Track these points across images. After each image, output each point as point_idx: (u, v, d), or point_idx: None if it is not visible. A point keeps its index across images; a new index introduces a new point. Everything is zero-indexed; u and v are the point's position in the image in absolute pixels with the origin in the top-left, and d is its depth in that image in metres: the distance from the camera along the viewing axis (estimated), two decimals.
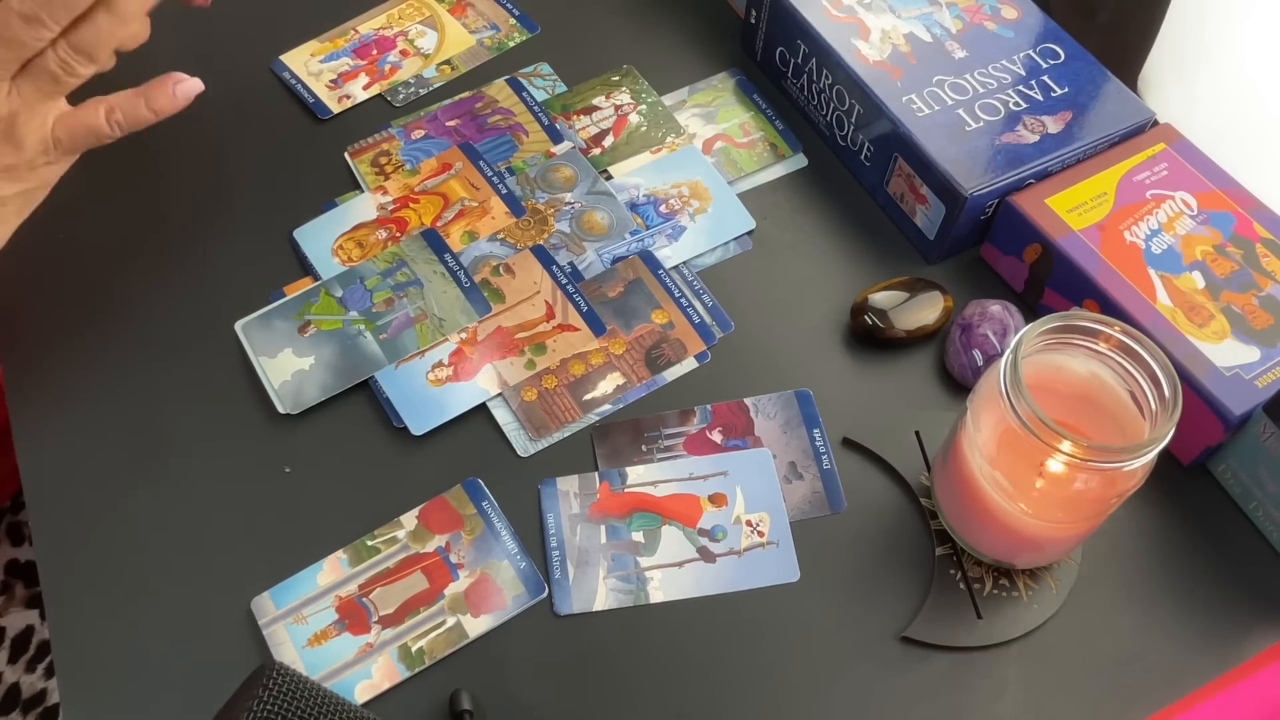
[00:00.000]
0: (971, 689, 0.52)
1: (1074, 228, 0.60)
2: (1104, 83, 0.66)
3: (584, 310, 0.63)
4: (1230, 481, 0.57)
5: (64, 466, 0.58)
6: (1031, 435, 0.45)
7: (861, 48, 0.66)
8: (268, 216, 0.67)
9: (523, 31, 0.76)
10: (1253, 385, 0.54)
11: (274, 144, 0.70)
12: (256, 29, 0.76)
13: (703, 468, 0.58)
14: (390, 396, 0.60)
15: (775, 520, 0.56)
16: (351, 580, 0.54)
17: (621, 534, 0.56)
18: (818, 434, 0.59)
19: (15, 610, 0.91)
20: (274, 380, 0.60)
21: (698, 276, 0.65)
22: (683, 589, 0.54)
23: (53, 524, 0.56)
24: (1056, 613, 0.53)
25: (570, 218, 0.67)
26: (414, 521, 0.56)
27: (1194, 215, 0.61)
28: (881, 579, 0.55)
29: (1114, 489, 0.47)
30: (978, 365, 0.59)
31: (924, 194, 0.63)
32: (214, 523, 0.56)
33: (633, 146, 0.70)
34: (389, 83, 0.73)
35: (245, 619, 0.53)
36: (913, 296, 0.62)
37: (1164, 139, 0.64)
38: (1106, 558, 0.55)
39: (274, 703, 0.42)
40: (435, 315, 0.62)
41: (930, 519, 0.56)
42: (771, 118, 0.72)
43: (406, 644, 0.53)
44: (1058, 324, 0.47)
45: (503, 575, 0.54)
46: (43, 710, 0.88)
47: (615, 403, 0.60)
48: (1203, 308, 0.57)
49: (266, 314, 0.63)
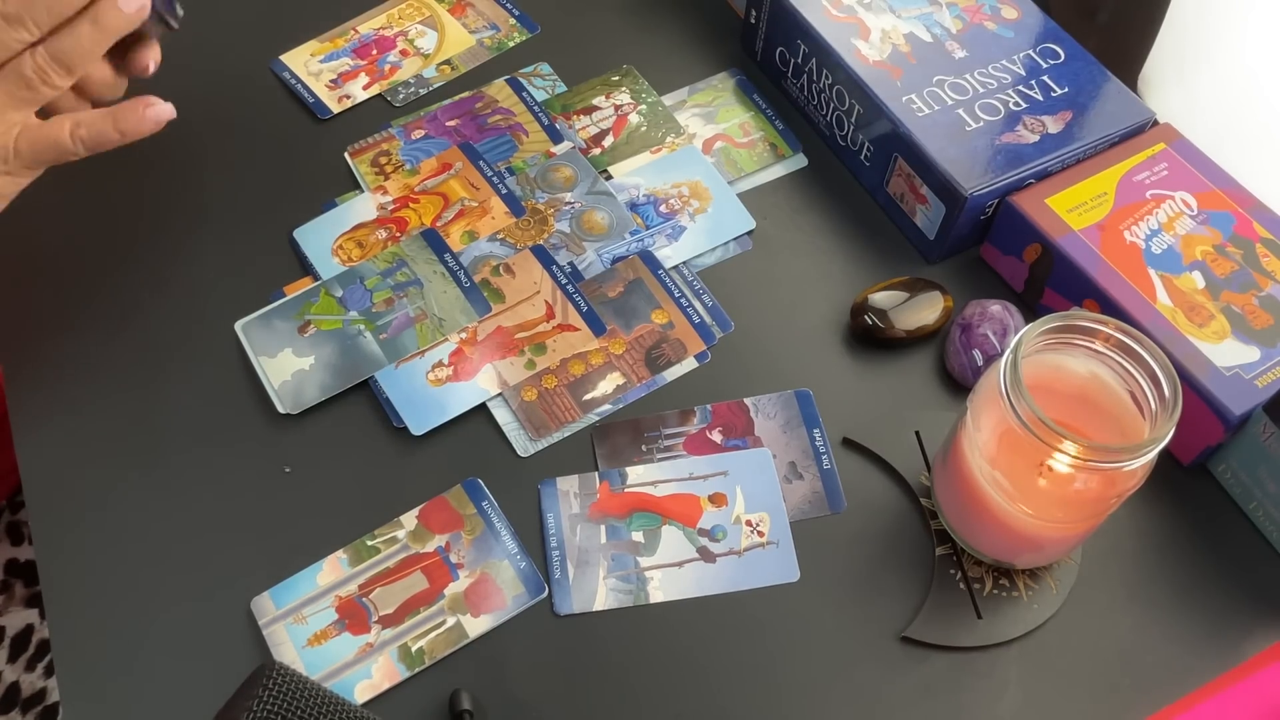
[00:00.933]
0: (971, 689, 0.52)
1: (1074, 228, 0.60)
2: (1104, 83, 0.66)
3: (584, 310, 0.63)
4: (1230, 481, 0.57)
5: (64, 466, 0.58)
6: (1031, 435, 0.45)
7: (861, 48, 0.66)
8: (268, 216, 0.67)
9: (523, 31, 0.76)
10: (1253, 385, 0.54)
11: (274, 144, 0.70)
12: (256, 29, 0.76)
13: (703, 468, 0.58)
14: (390, 396, 0.59)
15: (775, 520, 0.56)
16: (351, 580, 0.54)
17: (621, 534, 0.56)
18: (818, 434, 0.59)
19: (15, 609, 0.91)
20: (274, 380, 0.60)
21: (698, 276, 0.65)
22: (683, 589, 0.54)
23: (53, 524, 0.56)
24: (1056, 613, 0.53)
25: (570, 218, 0.67)
26: (414, 521, 0.56)
27: (1194, 215, 0.61)
28: (881, 579, 0.55)
29: (1114, 489, 0.47)
30: (978, 365, 0.59)
31: (924, 194, 0.63)
32: (214, 523, 0.56)
33: (633, 146, 0.70)
34: (389, 83, 0.73)
35: (245, 619, 0.53)
36: (913, 296, 0.62)
37: (1164, 139, 0.64)
38: (1106, 558, 0.55)
39: (274, 703, 0.42)
40: (435, 315, 0.62)
41: (930, 519, 0.56)
42: (771, 118, 0.72)
43: (406, 644, 0.53)
44: (1057, 324, 0.47)
45: (503, 575, 0.54)
46: (42, 709, 0.89)
47: (615, 403, 0.60)
48: (1203, 308, 0.57)
49: (266, 314, 0.63)
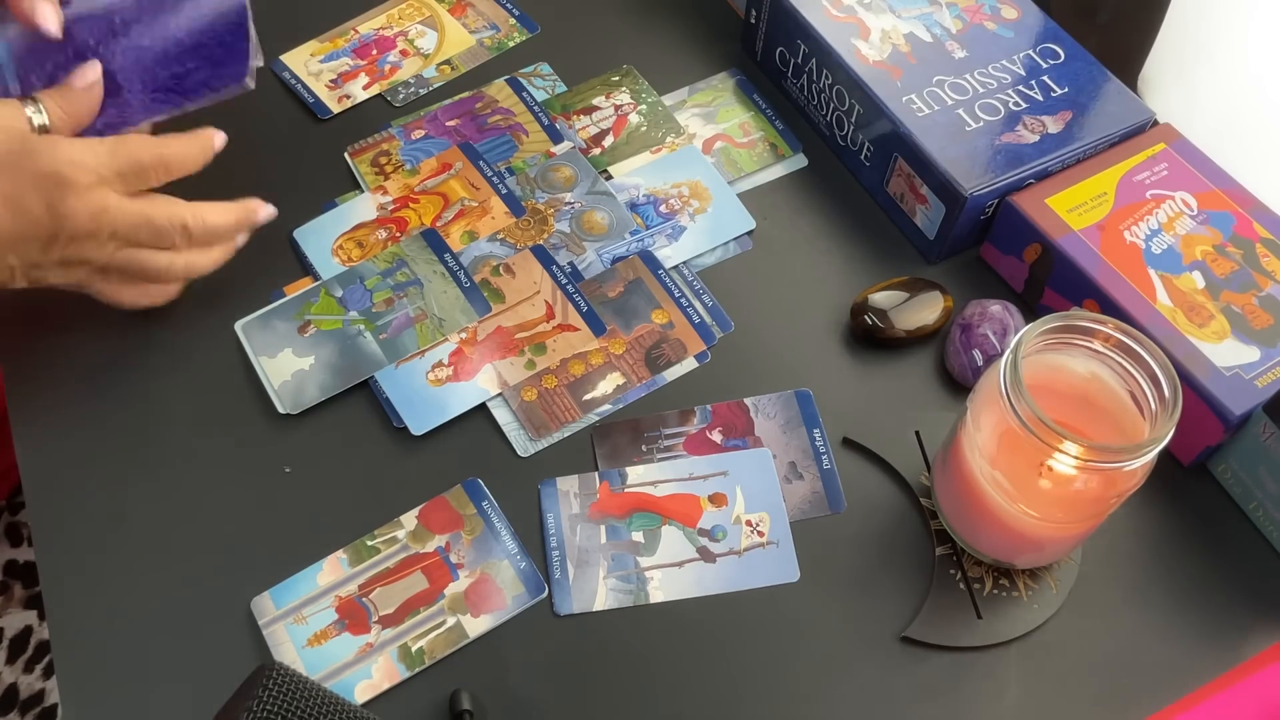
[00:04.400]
0: (971, 689, 0.52)
1: (1074, 228, 0.60)
2: (1104, 83, 0.66)
3: (584, 310, 0.63)
4: (1230, 481, 0.57)
5: (64, 466, 0.58)
6: (1031, 435, 0.45)
7: (861, 48, 0.66)
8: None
9: (523, 31, 0.76)
10: (1253, 385, 0.54)
11: (274, 144, 0.70)
12: (257, 29, 0.76)
13: (703, 468, 0.58)
14: (390, 396, 0.59)
15: (775, 520, 0.56)
16: (351, 580, 0.54)
17: (621, 534, 0.56)
18: (818, 434, 0.59)
19: (14, 610, 0.91)
20: (274, 380, 0.60)
21: (698, 276, 0.65)
22: (683, 589, 0.54)
23: (53, 524, 0.56)
24: (1056, 613, 0.53)
25: (570, 218, 0.67)
26: (414, 521, 0.56)
27: (1194, 215, 0.61)
28: (881, 579, 0.55)
29: (1114, 489, 0.47)
30: (978, 365, 0.59)
31: (924, 194, 0.63)
32: (214, 523, 0.56)
33: (633, 146, 0.70)
34: (389, 83, 0.73)
35: (245, 619, 0.53)
36: (913, 296, 0.62)
37: (1164, 139, 0.64)
38: (1106, 558, 0.55)
39: (274, 703, 0.42)
40: (435, 315, 0.62)
41: (930, 519, 0.56)
42: (771, 118, 0.72)
43: (406, 644, 0.52)
44: (1057, 324, 0.47)
45: (503, 575, 0.54)
46: (40, 710, 0.89)
47: (615, 403, 0.60)
48: (1203, 308, 0.57)
49: (266, 314, 0.63)
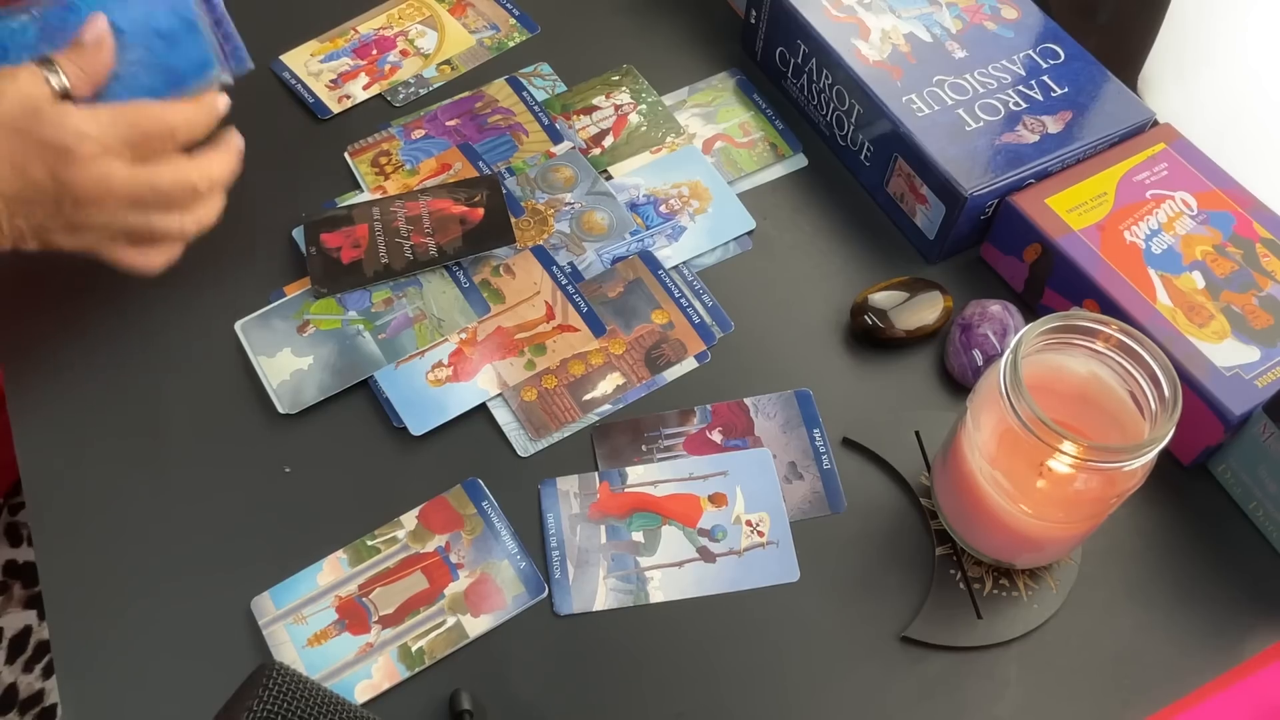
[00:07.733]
0: (971, 689, 0.52)
1: (1074, 228, 0.60)
2: (1104, 83, 0.66)
3: (584, 310, 0.63)
4: (1230, 481, 0.57)
5: (64, 466, 0.58)
6: (1031, 435, 0.45)
7: (861, 48, 0.66)
8: (268, 216, 0.67)
9: (523, 31, 0.76)
10: (1253, 385, 0.54)
11: (274, 144, 0.70)
12: (256, 29, 0.76)
13: (703, 468, 0.58)
14: (390, 396, 0.59)
15: (775, 520, 0.56)
16: (351, 580, 0.54)
17: (621, 534, 0.56)
18: (818, 434, 0.59)
19: (13, 610, 0.91)
20: (273, 380, 0.60)
21: (698, 276, 0.65)
22: (683, 589, 0.54)
23: (52, 524, 0.56)
24: (1056, 613, 0.53)
25: (570, 218, 0.67)
26: (414, 521, 0.56)
27: (1194, 215, 0.61)
28: (881, 579, 0.55)
29: (1114, 489, 0.47)
30: (978, 365, 0.59)
31: (924, 194, 0.63)
32: (213, 523, 0.56)
33: (633, 146, 0.70)
34: (389, 83, 0.73)
35: (245, 619, 0.53)
36: (913, 296, 0.62)
37: (1164, 139, 0.64)
38: (1106, 558, 0.55)
39: (274, 703, 0.42)
40: (434, 315, 0.62)
41: (930, 519, 0.56)
42: (771, 118, 0.72)
43: (406, 644, 0.52)
44: (1057, 324, 0.47)
45: (503, 575, 0.54)
46: (40, 710, 0.89)
47: (615, 403, 0.60)
48: (1203, 308, 0.57)
49: (266, 314, 0.63)
